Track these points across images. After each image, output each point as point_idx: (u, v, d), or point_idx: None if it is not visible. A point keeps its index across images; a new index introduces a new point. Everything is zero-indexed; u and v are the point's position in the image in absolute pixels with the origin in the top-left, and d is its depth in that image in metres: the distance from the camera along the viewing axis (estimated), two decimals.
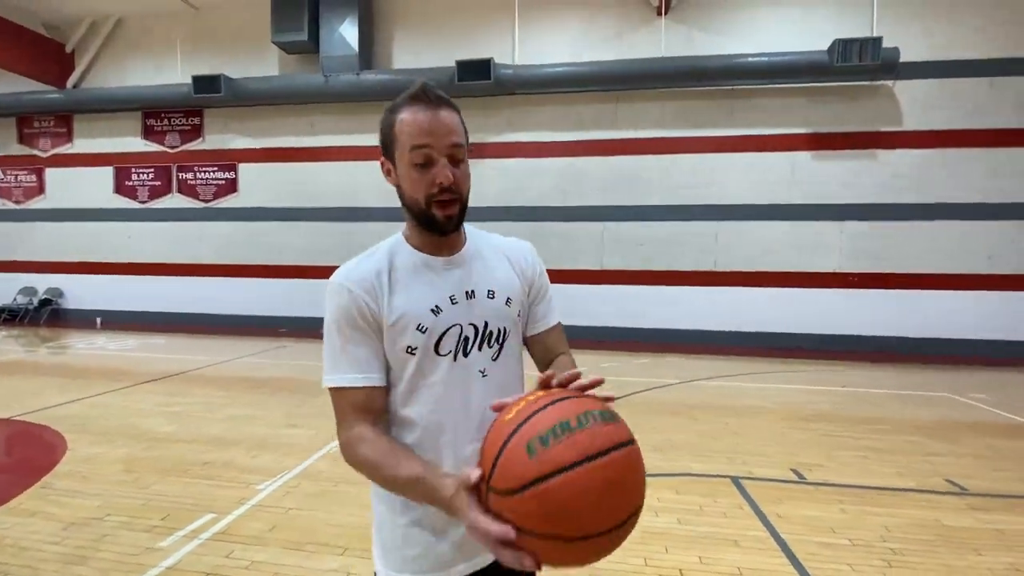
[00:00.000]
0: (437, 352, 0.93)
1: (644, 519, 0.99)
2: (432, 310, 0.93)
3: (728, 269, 8.97)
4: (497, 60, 8.65)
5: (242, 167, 10.48)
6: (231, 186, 10.53)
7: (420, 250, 0.97)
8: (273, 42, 9.45)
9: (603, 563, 0.67)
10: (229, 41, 10.24)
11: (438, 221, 0.91)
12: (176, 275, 10.80)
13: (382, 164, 0.96)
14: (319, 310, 0.95)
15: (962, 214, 8.46)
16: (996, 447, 4.07)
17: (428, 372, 0.93)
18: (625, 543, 0.66)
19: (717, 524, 2.75)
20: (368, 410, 0.90)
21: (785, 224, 8.82)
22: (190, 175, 10.64)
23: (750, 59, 8.30)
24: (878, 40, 7.85)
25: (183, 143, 10.67)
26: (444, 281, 0.97)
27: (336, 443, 0.95)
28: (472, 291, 0.97)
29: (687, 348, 8.65)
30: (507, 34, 9.19)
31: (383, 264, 0.95)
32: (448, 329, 0.93)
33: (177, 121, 10.61)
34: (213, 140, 10.57)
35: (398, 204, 0.95)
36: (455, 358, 0.94)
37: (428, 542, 0.94)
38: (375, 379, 0.91)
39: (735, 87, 8.72)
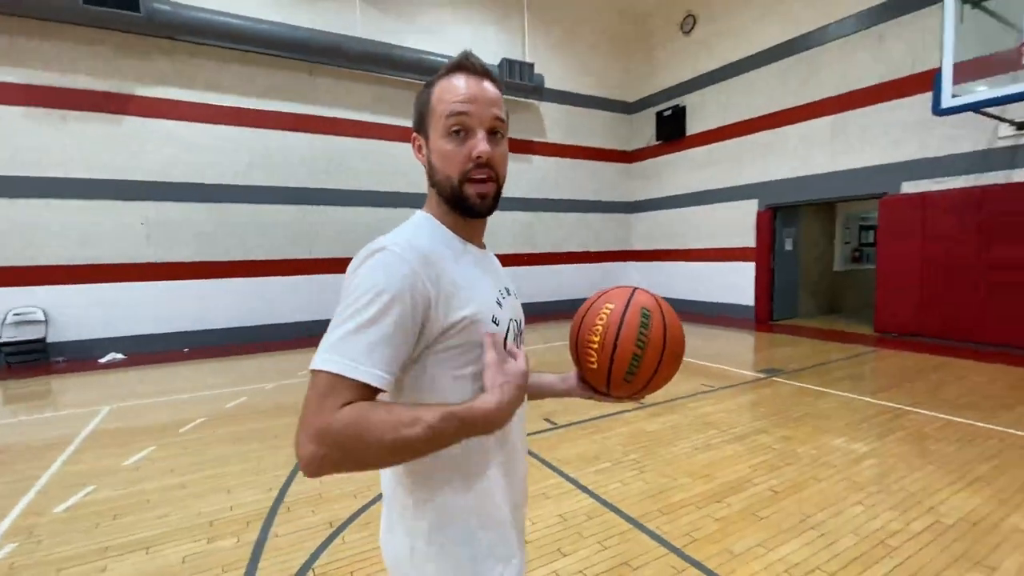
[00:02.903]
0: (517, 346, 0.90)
1: None
2: (498, 302, 0.87)
3: None
4: None
5: None
6: None
7: (458, 235, 0.88)
8: None
9: None
10: None
11: (470, 200, 0.83)
12: None
13: (413, 140, 0.90)
14: None
15: (582, 208, 11.59)
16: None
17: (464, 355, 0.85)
18: None
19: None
20: (362, 397, 0.71)
21: None
22: None
23: (438, 58, 8.98)
24: (532, 65, 9.80)
25: None
26: (491, 274, 0.92)
27: None
28: (507, 288, 0.95)
29: None
30: None
31: (438, 248, 0.81)
32: (509, 324, 0.88)
33: None
34: None
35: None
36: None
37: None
38: (391, 382, 0.73)
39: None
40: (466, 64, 0.83)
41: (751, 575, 2.13)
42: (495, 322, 0.84)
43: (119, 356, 7.07)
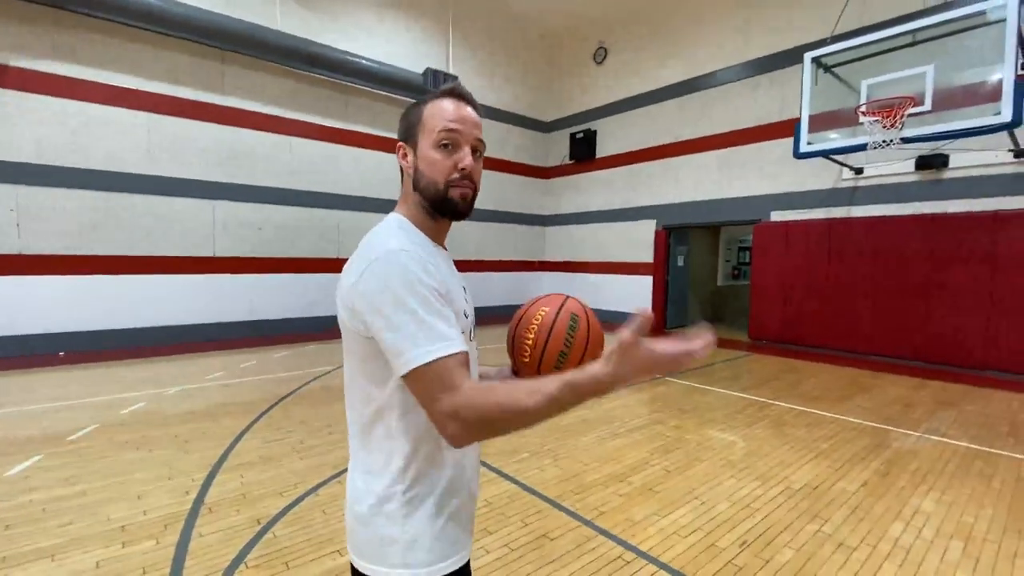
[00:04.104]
0: (472, 338, 1.02)
1: None
2: (465, 299, 1.01)
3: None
4: None
5: None
6: None
7: (428, 236, 0.99)
8: None
9: None
10: None
11: (454, 202, 0.95)
12: None
13: (399, 148, 1.01)
14: None
15: (501, 218, 12.00)
16: None
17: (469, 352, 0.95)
18: None
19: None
20: (467, 366, 0.83)
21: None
22: None
23: (363, 61, 8.91)
24: (456, 78, 10.06)
25: None
26: (454, 272, 1.03)
27: None
28: (464, 287, 1.06)
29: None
30: None
31: (419, 245, 0.92)
32: (471, 315, 1.03)
33: None
34: None
35: None
36: (473, 341, 1.04)
37: (462, 525, 0.98)
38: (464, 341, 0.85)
39: (352, 83, 9.13)
40: (457, 91, 0.98)
41: (648, 538, 2.53)
42: (466, 315, 0.97)
43: None
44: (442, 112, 0.95)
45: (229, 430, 4.01)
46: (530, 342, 1.00)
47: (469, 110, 0.98)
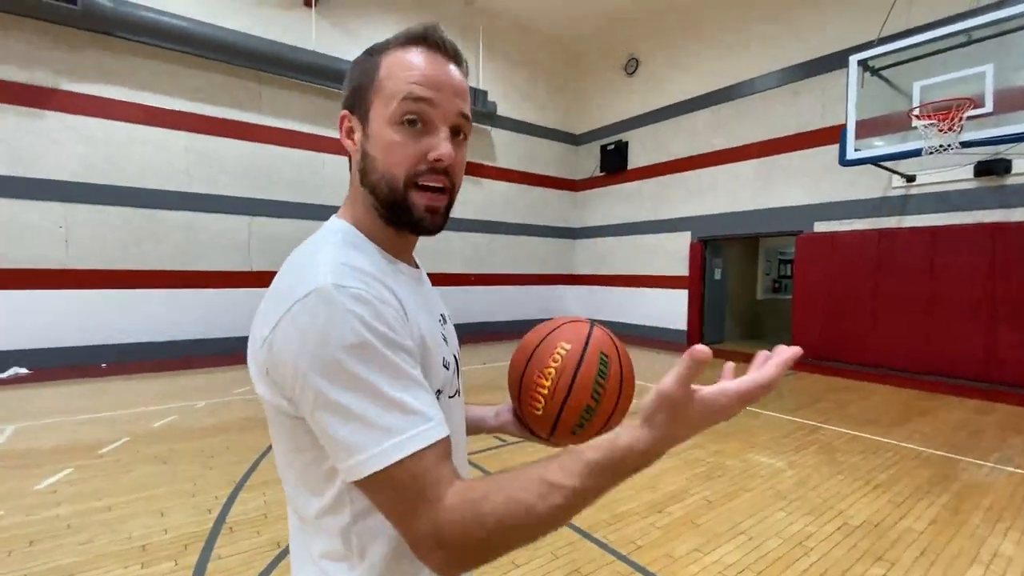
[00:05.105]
0: (453, 393, 0.73)
1: None
2: (443, 337, 0.73)
3: None
4: None
5: None
6: None
7: (386, 251, 0.69)
8: None
9: None
10: None
11: (416, 212, 0.65)
12: None
13: (342, 120, 0.69)
14: None
15: (529, 231, 11.91)
16: None
17: (451, 422, 0.65)
18: None
19: None
20: (450, 457, 0.58)
21: None
22: None
23: None
24: (486, 92, 10.10)
25: None
26: (427, 299, 0.74)
27: None
28: (444, 315, 0.79)
29: None
30: None
31: (377, 266, 0.65)
32: (453, 363, 0.74)
33: None
34: None
35: None
36: (457, 396, 0.75)
37: None
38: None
39: None
40: (431, 37, 0.64)
41: None
42: (445, 365, 0.69)
43: (22, 371, 6.39)
44: (407, 68, 0.63)
45: (254, 446, 3.98)
46: (545, 391, 0.78)
47: (451, 68, 0.65)
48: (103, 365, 6.93)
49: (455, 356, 0.76)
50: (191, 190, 7.60)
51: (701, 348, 0.48)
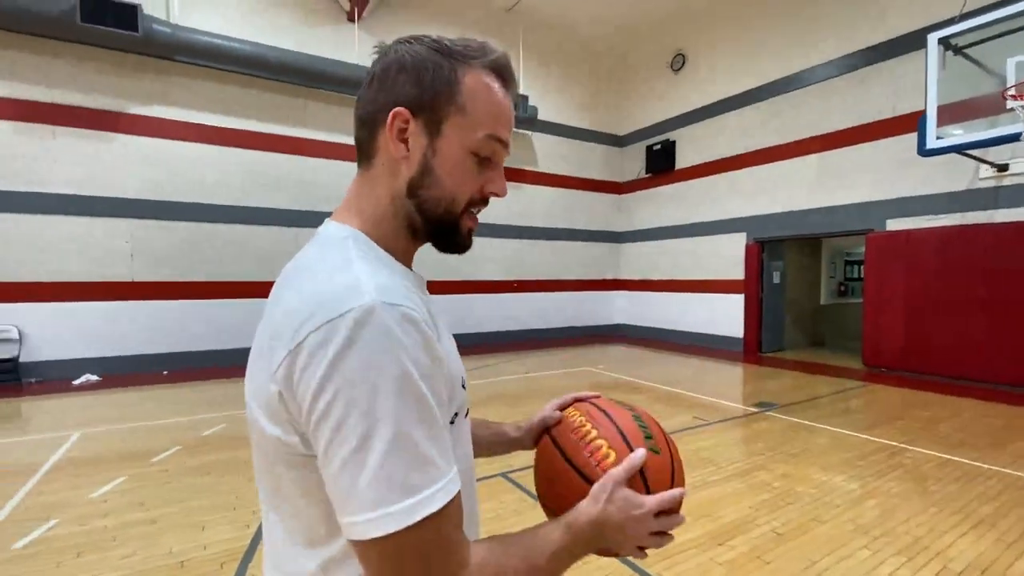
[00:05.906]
0: (466, 413, 0.71)
1: None
2: (458, 354, 0.70)
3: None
4: (147, 11, 6.63)
5: None
6: None
7: (398, 260, 0.67)
8: None
9: None
10: None
11: (461, 235, 0.68)
12: None
13: (395, 116, 0.62)
14: None
15: (573, 236, 11.64)
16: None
17: (462, 443, 0.67)
18: None
19: (520, 521, 2.94)
20: (462, 516, 0.55)
21: None
22: None
23: None
24: (526, 97, 9.97)
25: None
26: (437, 311, 0.71)
27: None
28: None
29: None
30: None
31: (407, 277, 0.64)
32: (465, 380, 0.71)
33: None
34: None
35: None
36: (463, 423, 0.70)
37: None
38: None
39: None
40: (507, 73, 0.65)
41: None
42: (464, 386, 0.68)
43: (94, 378, 6.78)
44: (495, 105, 0.63)
45: None
46: (603, 441, 0.74)
47: (511, 106, 0.67)
48: (165, 373, 7.25)
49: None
50: (245, 204, 7.88)
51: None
